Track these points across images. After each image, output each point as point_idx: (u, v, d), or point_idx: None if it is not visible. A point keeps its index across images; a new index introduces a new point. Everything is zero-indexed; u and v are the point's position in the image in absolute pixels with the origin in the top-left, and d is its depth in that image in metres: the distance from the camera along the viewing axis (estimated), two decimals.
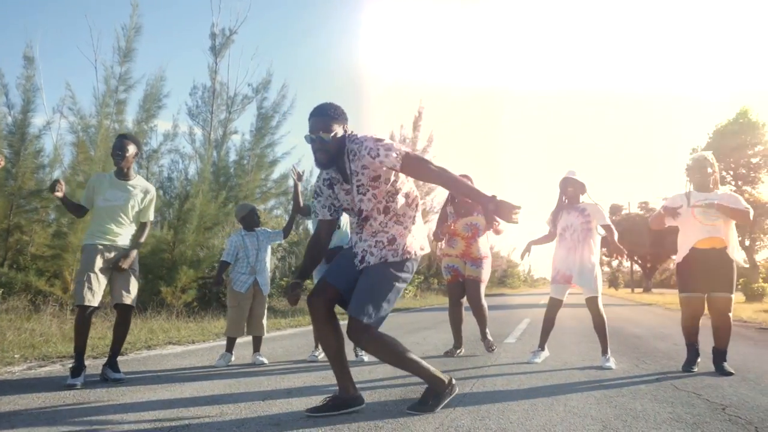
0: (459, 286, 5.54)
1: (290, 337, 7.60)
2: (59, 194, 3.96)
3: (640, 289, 48.43)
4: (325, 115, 2.85)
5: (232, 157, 15.08)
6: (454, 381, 3.10)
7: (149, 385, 3.88)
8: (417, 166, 2.80)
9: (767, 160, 24.06)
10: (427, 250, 3.14)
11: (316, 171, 3.29)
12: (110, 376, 4.06)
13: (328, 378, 4.14)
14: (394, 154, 2.78)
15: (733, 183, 23.97)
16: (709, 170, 4.53)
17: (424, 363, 3.03)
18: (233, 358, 5.00)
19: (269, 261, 5.33)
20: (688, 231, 4.52)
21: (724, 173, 23.92)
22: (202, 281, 11.87)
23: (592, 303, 4.84)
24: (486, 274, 5.54)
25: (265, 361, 4.94)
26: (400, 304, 16.50)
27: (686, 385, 3.83)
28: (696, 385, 3.83)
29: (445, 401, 3.03)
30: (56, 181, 3.94)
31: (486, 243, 5.59)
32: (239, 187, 14.48)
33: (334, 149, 2.87)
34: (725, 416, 2.96)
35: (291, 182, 18.79)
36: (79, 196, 9.33)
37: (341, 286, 2.99)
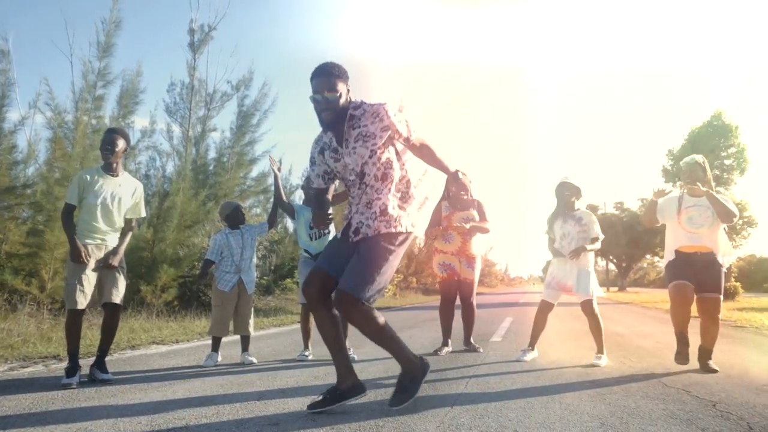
0: (454, 285, 5.55)
1: (275, 336, 7.55)
2: None
3: (616, 288, 49.19)
4: (329, 75, 2.84)
5: (212, 154, 14.94)
6: (425, 359, 3.12)
7: (139, 385, 3.82)
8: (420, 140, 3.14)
9: (740, 162, 24.68)
10: (416, 231, 3.20)
11: (297, 167, 3.38)
12: (99, 376, 3.98)
13: (320, 377, 4.13)
14: (413, 127, 3.06)
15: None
16: (701, 174, 4.58)
17: (403, 344, 3.04)
18: (220, 358, 4.94)
19: (255, 260, 5.28)
20: (673, 234, 4.59)
21: None
22: (182, 280, 11.73)
23: (587, 306, 4.88)
24: (478, 274, 5.59)
25: (255, 360, 4.89)
26: (380, 303, 16.50)
27: (675, 382, 3.89)
28: (684, 382, 3.90)
29: (422, 381, 3.05)
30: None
31: (478, 241, 5.61)
32: (219, 185, 14.35)
33: (340, 108, 2.87)
34: (716, 412, 3.02)
35: (271, 175, 18.70)
36: (57, 193, 9.26)
37: (336, 272, 2.98)
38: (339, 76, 2.86)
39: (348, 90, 2.91)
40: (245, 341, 5.04)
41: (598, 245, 4.97)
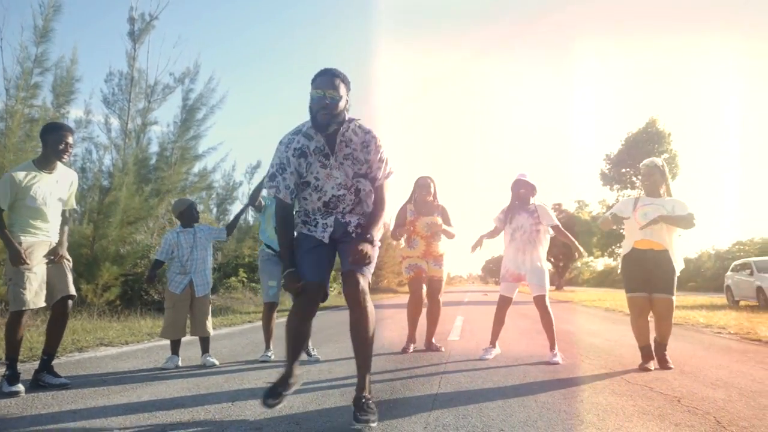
0: (422, 282, 5.56)
1: (229, 336, 7.35)
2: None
3: (553, 287, 50.75)
4: (335, 76, 2.79)
5: (154, 148, 14.37)
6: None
7: (99, 390, 3.63)
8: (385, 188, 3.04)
9: (672, 167, 25.96)
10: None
11: (240, 163, 3.22)
12: (51, 381, 3.73)
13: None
14: (388, 170, 3.01)
15: (641, 187, 25.74)
16: (659, 177, 4.74)
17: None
18: (180, 361, 4.76)
19: (210, 260, 5.09)
20: (630, 230, 4.75)
21: (633, 178, 25.50)
22: (125, 278, 11.27)
23: (540, 301, 5.01)
24: (446, 272, 5.64)
25: (216, 362, 4.74)
26: (331, 302, 16.33)
27: (636, 379, 4.03)
28: (645, 379, 4.04)
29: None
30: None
31: (443, 242, 5.67)
32: (162, 180, 13.85)
33: (337, 113, 2.79)
34: (683, 407, 3.14)
35: (216, 171, 18.13)
36: None
37: (325, 280, 2.92)
38: (343, 81, 2.81)
39: (347, 100, 2.85)
40: (204, 343, 4.87)
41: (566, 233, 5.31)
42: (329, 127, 2.80)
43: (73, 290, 3.88)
